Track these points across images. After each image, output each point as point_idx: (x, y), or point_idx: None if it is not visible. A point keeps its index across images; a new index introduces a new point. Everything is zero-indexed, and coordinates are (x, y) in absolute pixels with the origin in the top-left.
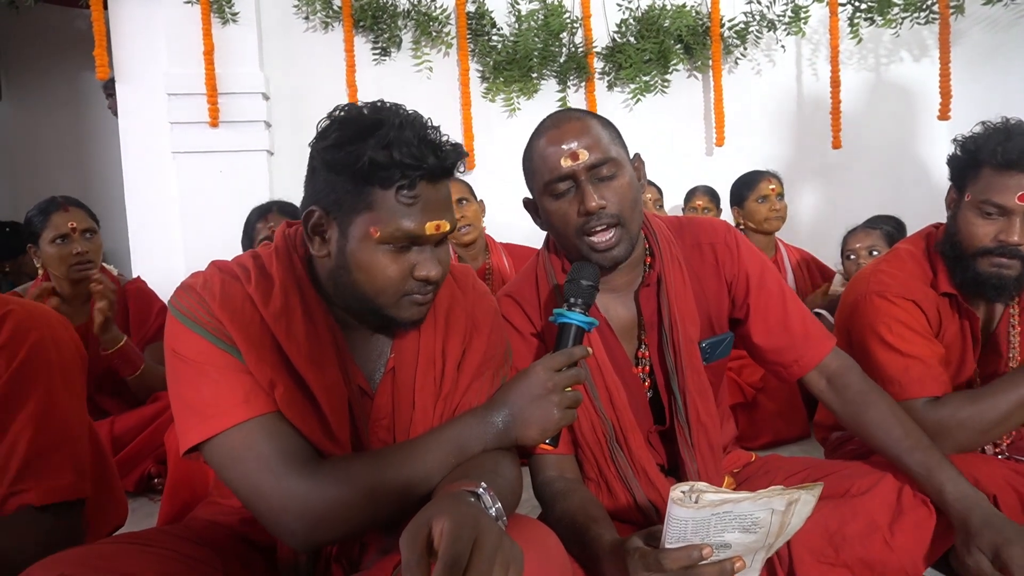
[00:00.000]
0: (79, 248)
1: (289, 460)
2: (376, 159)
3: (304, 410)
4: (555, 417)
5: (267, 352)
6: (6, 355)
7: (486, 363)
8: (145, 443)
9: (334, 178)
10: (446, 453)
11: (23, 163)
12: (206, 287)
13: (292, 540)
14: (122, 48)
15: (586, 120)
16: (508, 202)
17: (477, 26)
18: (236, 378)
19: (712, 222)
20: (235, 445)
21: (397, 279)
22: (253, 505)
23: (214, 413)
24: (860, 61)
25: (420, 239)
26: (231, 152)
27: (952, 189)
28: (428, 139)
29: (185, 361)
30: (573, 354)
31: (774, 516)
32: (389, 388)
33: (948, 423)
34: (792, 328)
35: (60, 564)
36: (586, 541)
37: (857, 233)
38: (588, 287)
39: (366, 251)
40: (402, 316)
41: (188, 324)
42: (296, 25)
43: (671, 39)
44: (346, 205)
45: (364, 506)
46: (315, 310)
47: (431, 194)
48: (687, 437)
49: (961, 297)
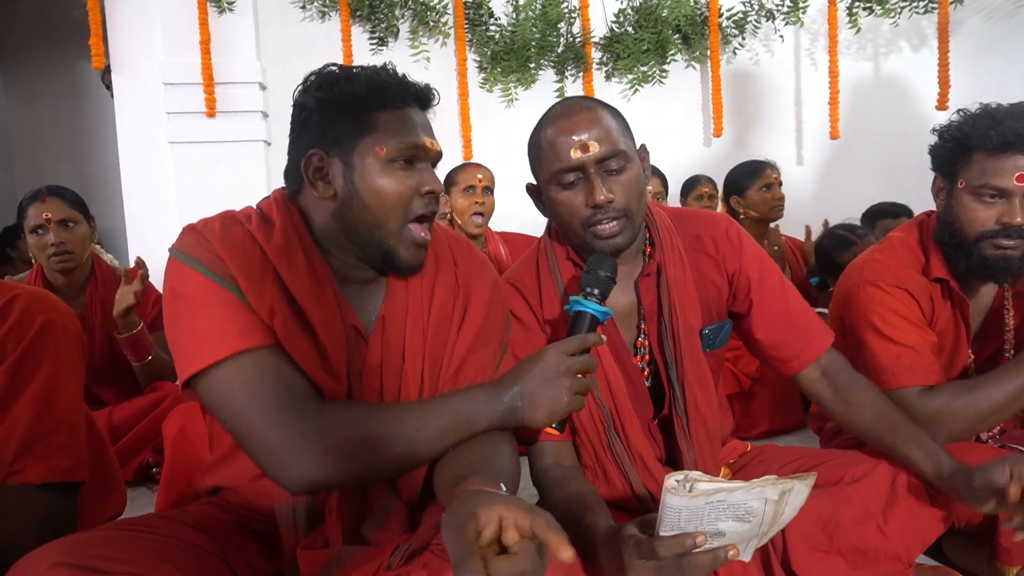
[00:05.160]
0: (54, 239)
1: (287, 396)
2: (373, 82)
3: (303, 341)
4: (564, 401)
5: (267, 284)
6: (14, 336)
7: (487, 333)
8: (144, 432)
9: (330, 116)
10: (451, 420)
11: (20, 152)
12: (207, 226)
13: (287, 481)
14: (118, 37)
15: (597, 111)
16: (505, 191)
17: (475, 16)
18: (233, 312)
19: (713, 215)
20: (230, 379)
21: (407, 196)
22: (249, 444)
23: (209, 344)
24: (859, 51)
25: (422, 151)
26: (228, 142)
27: (939, 178)
28: (406, 77)
29: (182, 298)
30: (587, 340)
31: (767, 505)
32: (379, 337)
33: (942, 412)
34: (794, 323)
35: (56, 551)
36: (582, 529)
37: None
38: (606, 278)
39: (374, 171)
40: (403, 255)
41: (186, 261)
42: (293, 14)
43: (669, 29)
44: (347, 137)
45: (362, 454)
46: (313, 256)
47: (420, 117)
48: (685, 427)
49: (953, 283)
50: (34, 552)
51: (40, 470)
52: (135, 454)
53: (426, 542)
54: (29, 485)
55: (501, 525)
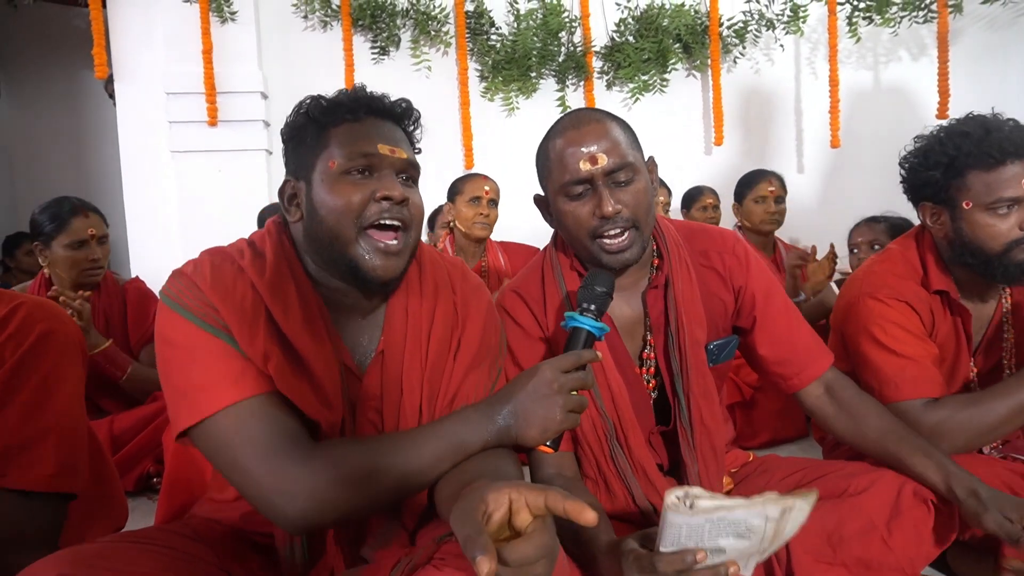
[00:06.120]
0: (95, 255)
1: (281, 442)
2: (329, 102)
3: (298, 379)
4: (558, 419)
5: (260, 326)
6: (12, 344)
7: (481, 355)
8: (144, 443)
9: (294, 144)
10: (445, 445)
11: (22, 161)
12: (196, 271)
13: (285, 523)
14: (121, 47)
15: (606, 122)
16: (506, 201)
17: (476, 25)
18: (225, 362)
19: (721, 231)
20: (225, 429)
21: (357, 204)
22: (245, 490)
23: (203, 396)
24: (859, 60)
25: (375, 159)
26: (230, 151)
27: (928, 206)
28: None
29: (174, 346)
30: (582, 356)
31: (768, 523)
32: (378, 371)
33: (946, 425)
34: (796, 342)
35: (59, 563)
36: (583, 540)
37: (860, 227)
38: (602, 294)
39: (327, 184)
40: (366, 264)
41: (177, 310)
42: (295, 24)
43: (670, 38)
44: (307, 159)
45: (358, 491)
46: (305, 289)
47: (380, 127)
48: (689, 438)
49: (953, 294)
50: (39, 562)
51: (19, 476)
52: (136, 464)
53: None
54: (9, 491)
55: (512, 508)
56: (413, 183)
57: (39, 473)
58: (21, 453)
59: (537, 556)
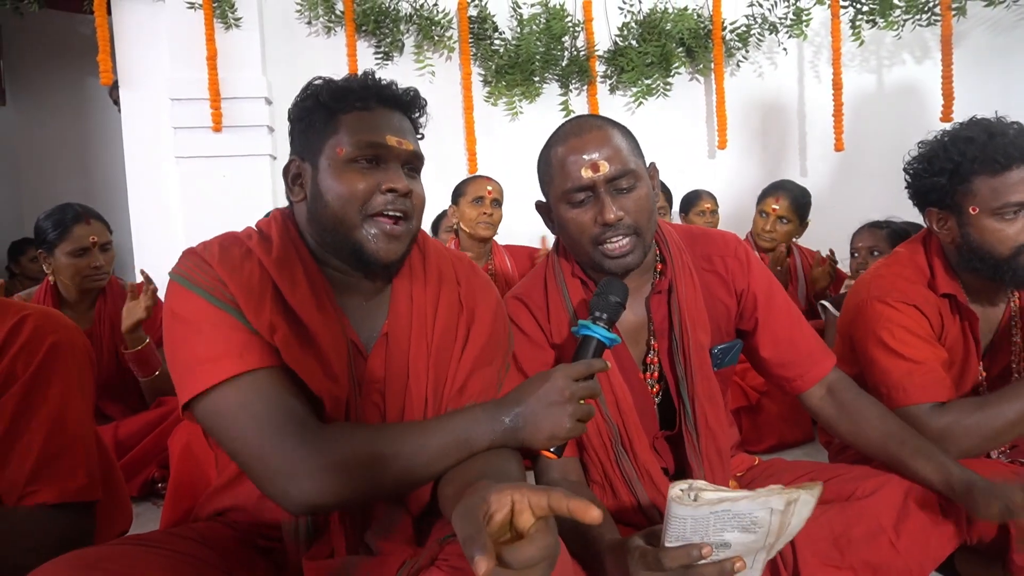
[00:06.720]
0: (98, 262)
1: (286, 421)
2: (339, 87)
3: (304, 352)
4: (567, 427)
5: (266, 301)
6: (24, 357)
7: (489, 351)
8: (149, 448)
9: (303, 125)
10: (451, 440)
11: (27, 167)
12: (206, 250)
13: (287, 503)
14: (125, 53)
15: (607, 129)
16: (510, 205)
17: (479, 30)
18: (232, 334)
19: (723, 235)
20: (229, 402)
21: (362, 192)
22: (247, 465)
23: (209, 367)
24: (862, 63)
25: (382, 150)
26: (234, 157)
27: (934, 212)
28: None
29: (182, 320)
30: (593, 366)
31: (773, 516)
32: (383, 352)
33: (953, 429)
34: (798, 344)
35: (65, 566)
36: (588, 541)
37: (862, 232)
38: (615, 303)
39: (334, 171)
40: (371, 247)
41: (186, 284)
42: (299, 29)
43: (673, 42)
44: (315, 141)
45: (361, 477)
46: (311, 268)
47: (389, 117)
48: (695, 443)
49: (961, 298)
50: (45, 565)
51: (55, 490)
52: (140, 469)
53: (432, 558)
54: (45, 505)
55: (514, 509)
56: (416, 173)
57: (72, 485)
58: (52, 466)
59: (539, 558)
